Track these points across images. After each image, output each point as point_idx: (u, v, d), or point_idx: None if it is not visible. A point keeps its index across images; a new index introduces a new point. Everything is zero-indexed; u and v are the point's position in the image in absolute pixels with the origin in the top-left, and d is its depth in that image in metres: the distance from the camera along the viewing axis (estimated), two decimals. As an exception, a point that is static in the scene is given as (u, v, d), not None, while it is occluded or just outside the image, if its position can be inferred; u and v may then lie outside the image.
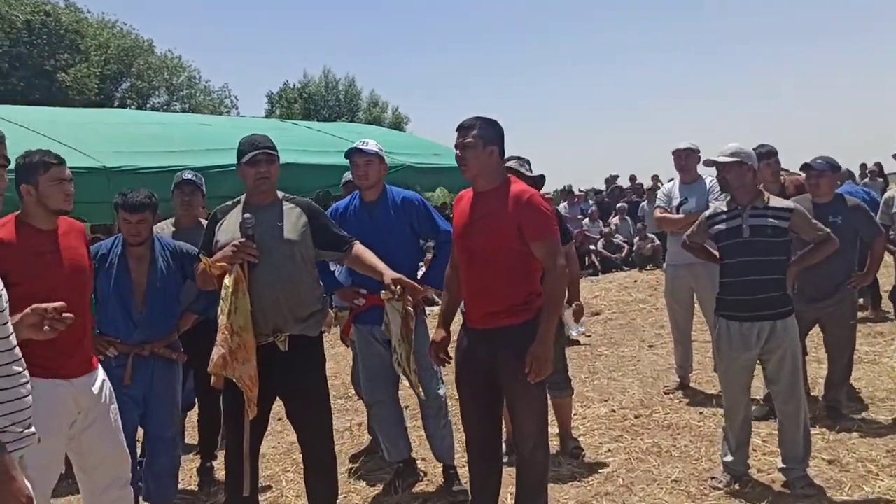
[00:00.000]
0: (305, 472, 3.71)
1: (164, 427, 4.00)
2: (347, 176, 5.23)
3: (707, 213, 4.33)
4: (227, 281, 3.38)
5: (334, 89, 35.17)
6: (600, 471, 4.44)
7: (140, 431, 4.10)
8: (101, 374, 3.31)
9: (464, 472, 4.42)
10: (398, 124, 34.73)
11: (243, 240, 3.40)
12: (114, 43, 28.71)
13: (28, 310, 2.48)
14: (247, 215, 3.47)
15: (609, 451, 4.78)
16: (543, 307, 3.38)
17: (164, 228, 4.67)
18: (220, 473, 4.79)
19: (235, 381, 3.37)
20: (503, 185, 3.44)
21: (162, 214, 4.71)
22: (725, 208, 4.15)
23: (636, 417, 5.39)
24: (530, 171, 4.72)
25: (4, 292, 2.11)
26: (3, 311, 2.10)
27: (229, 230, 3.54)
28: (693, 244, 4.45)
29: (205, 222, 4.65)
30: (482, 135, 3.40)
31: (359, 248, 3.66)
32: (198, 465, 4.78)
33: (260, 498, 4.30)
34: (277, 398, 3.64)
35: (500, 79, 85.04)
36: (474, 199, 3.49)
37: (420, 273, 4.50)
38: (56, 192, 3.12)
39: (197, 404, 4.85)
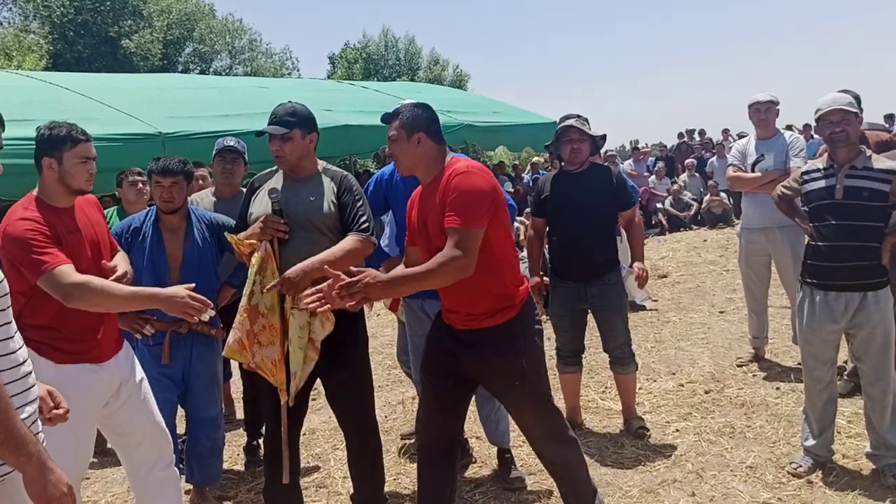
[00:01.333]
0: (348, 456, 3.51)
1: (205, 407, 3.84)
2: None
3: (803, 167, 3.93)
4: (254, 259, 3.19)
5: (394, 48, 34.77)
6: (667, 454, 4.12)
7: (181, 412, 3.95)
8: (128, 351, 3.19)
9: (519, 456, 4.18)
10: (459, 82, 34.18)
11: (271, 214, 3.20)
12: (176, 8, 28.85)
13: (184, 294, 2.75)
14: (272, 189, 3.26)
15: (677, 430, 4.45)
16: (407, 275, 2.87)
17: (204, 198, 4.48)
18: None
19: (255, 368, 3.23)
20: (440, 172, 2.99)
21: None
22: (822, 165, 3.73)
23: (706, 393, 5.03)
24: (590, 129, 4.40)
25: (5, 280, 1.94)
26: (5, 294, 1.93)
27: (263, 202, 3.33)
28: (783, 198, 4.03)
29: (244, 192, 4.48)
30: (404, 124, 3.02)
31: (348, 239, 3.24)
32: (244, 442, 4.63)
33: (306, 479, 4.17)
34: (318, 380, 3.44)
35: (568, 33, 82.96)
36: (422, 196, 3.11)
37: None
38: (80, 171, 2.92)
39: (242, 381, 4.70)
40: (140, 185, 4.76)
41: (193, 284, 2.91)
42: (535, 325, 3.08)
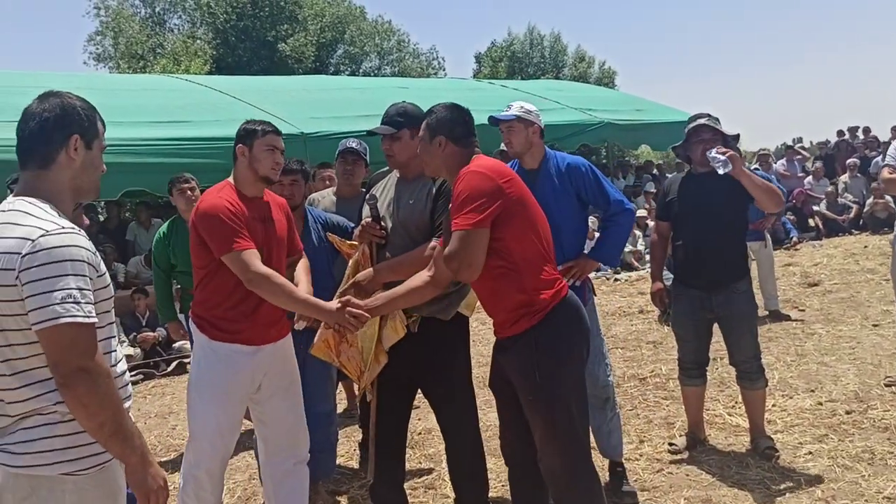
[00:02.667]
0: (448, 462, 3.51)
1: (319, 402, 3.95)
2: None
3: None
4: (351, 262, 3.30)
5: (539, 46, 34.53)
6: (795, 478, 3.83)
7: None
8: (288, 344, 3.37)
9: (634, 470, 4.03)
10: (605, 80, 33.49)
11: (368, 220, 3.30)
12: (329, 11, 29.96)
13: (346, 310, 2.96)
14: (371, 195, 3.36)
15: (809, 453, 4.13)
16: (398, 294, 2.99)
17: (326, 197, 4.61)
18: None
19: (340, 367, 3.36)
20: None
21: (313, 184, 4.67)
22: None
23: (847, 413, 4.64)
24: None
25: (111, 285, 2.06)
26: (110, 297, 2.06)
27: (366, 205, 3.41)
28: None
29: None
30: (429, 126, 2.99)
31: (424, 246, 3.22)
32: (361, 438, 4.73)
33: (416, 479, 4.21)
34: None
35: (717, 23, 79.39)
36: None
37: (587, 247, 4.08)
38: (267, 158, 3.17)
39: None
40: (188, 192, 4.98)
41: (349, 299, 3.06)
42: (567, 339, 2.83)
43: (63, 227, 1.87)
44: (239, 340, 3.14)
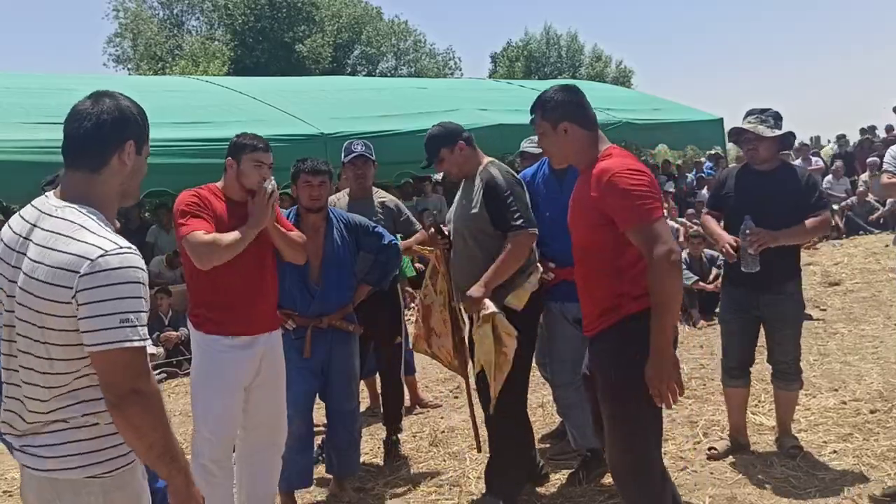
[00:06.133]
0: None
1: (343, 400, 4.02)
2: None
3: None
4: (429, 267, 3.94)
5: (555, 45, 34.52)
6: (821, 477, 3.84)
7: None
8: (278, 337, 3.53)
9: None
10: (622, 79, 33.41)
11: (432, 233, 3.79)
12: (345, 12, 30.11)
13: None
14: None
15: (834, 452, 4.13)
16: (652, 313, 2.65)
17: (341, 199, 4.66)
18: (405, 447, 4.77)
19: (433, 356, 4.05)
20: (592, 162, 2.86)
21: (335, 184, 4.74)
22: None
23: (871, 413, 4.63)
24: (773, 128, 4.05)
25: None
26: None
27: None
28: None
29: (376, 191, 4.72)
30: (546, 115, 2.93)
31: (508, 243, 3.57)
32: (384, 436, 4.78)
33: (441, 476, 4.27)
34: None
35: (734, 22, 78.96)
36: (577, 185, 3.00)
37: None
38: (253, 173, 3.34)
39: (379, 377, 4.85)
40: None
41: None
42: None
43: (121, 248, 1.84)
44: (234, 332, 3.29)
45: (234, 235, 3.19)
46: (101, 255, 1.80)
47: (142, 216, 11.63)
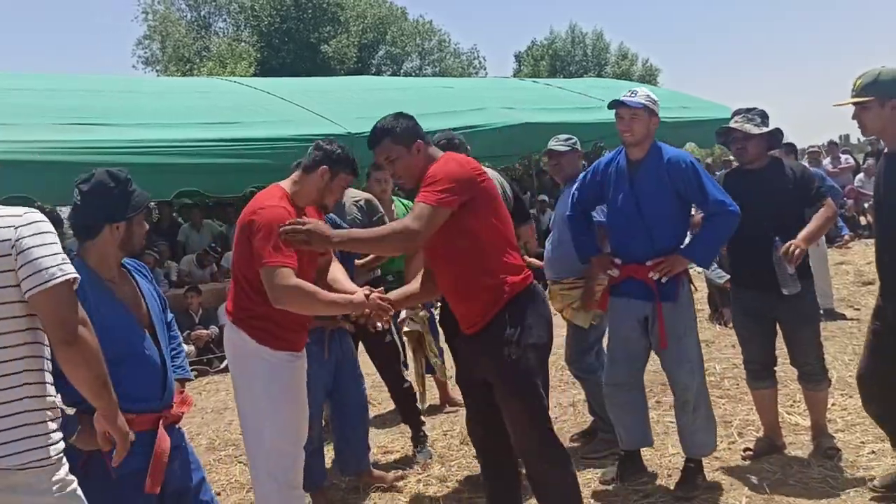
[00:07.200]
0: None
1: (355, 395, 4.16)
2: (552, 144, 4.73)
3: None
4: None
5: (581, 44, 34.33)
6: (859, 478, 3.78)
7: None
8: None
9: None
10: (648, 77, 33.16)
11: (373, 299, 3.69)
12: (370, 12, 30.15)
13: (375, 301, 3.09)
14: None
15: (872, 452, 4.06)
16: (358, 235, 3.18)
17: (360, 199, 4.70)
18: (436, 445, 4.77)
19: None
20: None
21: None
22: None
23: (910, 413, 4.55)
24: (759, 126, 4.05)
25: None
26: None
27: None
28: None
29: (349, 191, 4.61)
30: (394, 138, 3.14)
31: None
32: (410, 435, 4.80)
33: (471, 475, 4.24)
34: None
35: (761, 21, 78.13)
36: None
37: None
38: (338, 192, 3.34)
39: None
40: (382, 180, 5.09)
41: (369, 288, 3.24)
42: (534, 321, 2.96)
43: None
44: (300, 349, 3.27)
45: (332, 298, 3.11)
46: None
47: (171, 215, 11.77)
